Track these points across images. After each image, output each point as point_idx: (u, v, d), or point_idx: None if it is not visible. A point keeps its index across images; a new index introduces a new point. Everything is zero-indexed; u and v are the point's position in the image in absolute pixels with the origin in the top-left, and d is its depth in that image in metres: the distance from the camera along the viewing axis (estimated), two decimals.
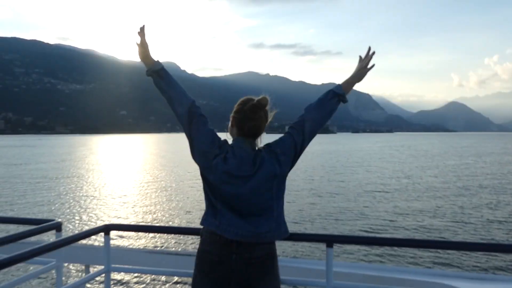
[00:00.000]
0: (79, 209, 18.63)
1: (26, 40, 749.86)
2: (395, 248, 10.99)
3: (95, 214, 17.60)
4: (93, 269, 3.37)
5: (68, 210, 18.31)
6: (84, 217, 17.05)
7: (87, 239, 2.70)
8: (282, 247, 11.53)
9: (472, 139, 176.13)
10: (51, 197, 21.95)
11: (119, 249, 4.13)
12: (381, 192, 23.59)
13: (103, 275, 2.68)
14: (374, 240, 5.49)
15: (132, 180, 29.52)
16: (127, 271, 4.55)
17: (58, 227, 2.65)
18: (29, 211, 18.14)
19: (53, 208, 18.89)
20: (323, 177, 31.57)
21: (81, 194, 22.78)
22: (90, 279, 2.73)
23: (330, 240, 2.34)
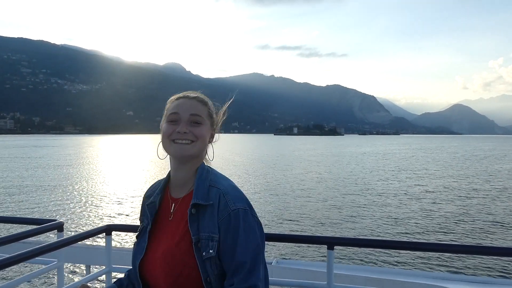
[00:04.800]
0: (81, 209, 18.65)
1: (33, 40, 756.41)
2: (396, 250, 10.94)
3: (96, 215, 17.64)
4: (94, 269, 3.39)
5: (70, 211, 18.34)
6: (85, 217, 17.09)
7: (88, 239, 2.70)
8: (284, 249, 11.53)
9: (487, 142, 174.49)
10: (53, 197, 21.98)
11: (120, 249, 4.14)
12: (395, 196, 23.51)
13: (104, 275, 2.69)
14: (375, 242, 5.46)
15: (134, 181, 29.58)
16: None
17: (59, 227, 2.66)
18: (31, 211, 18.19)
19: (55, 208, 18.93)
20: (337, 179, 31.54)
21: (83, 195, 22.83)
22: (92, 279, 2.74)
23: (331, 242, 2.33)
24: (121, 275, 1.74)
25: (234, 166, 42.79)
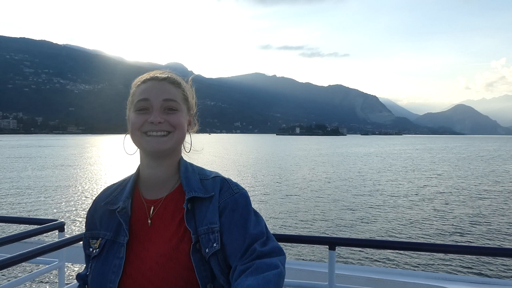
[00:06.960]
0: (82, 209, 18.62)
1: (35, 40, 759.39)
2: (398, 251, 10.92)
3: None
4: None
5: (71, 211, 18.33)
6: None
7: None
8: (285, 249, 11.49)
9: (490, 142, 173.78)
10: (55, 197, 21.99)
11: None
12: (397, 197, 23.48)
13: None
14: (376, 243, 5.47)
15: None
16: None
17: (61, 227, 2.66)
18: (32, 211, 18.21)
19: (56, 208, 18.93)
20: (341, 180, 31.51)
21: (84, 195, 22.83)
22: None
23: (333, 242, 2.33)
24: None
25: (236, 166, 42.78)
